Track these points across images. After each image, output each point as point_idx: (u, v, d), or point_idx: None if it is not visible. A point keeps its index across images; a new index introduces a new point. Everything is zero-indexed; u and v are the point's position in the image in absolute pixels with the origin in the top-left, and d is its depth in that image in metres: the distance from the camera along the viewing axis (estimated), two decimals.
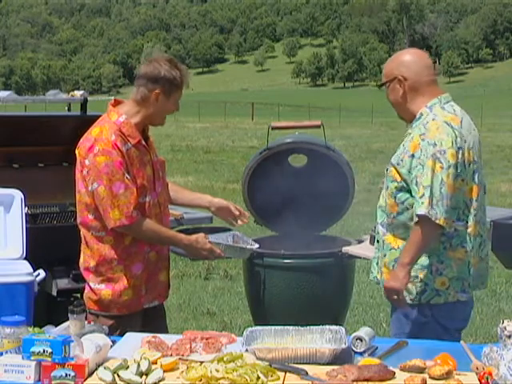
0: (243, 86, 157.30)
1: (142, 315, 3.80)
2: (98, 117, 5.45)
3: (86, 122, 5.46)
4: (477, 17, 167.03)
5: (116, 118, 3.67)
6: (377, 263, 3.68)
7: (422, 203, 3.33)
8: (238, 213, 4.06)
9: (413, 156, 3.42)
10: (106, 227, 3.64)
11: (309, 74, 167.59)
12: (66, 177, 5.47)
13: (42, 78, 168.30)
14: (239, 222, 4.08)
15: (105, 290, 3.71)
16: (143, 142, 3.71)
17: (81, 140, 3.69)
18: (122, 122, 3.65)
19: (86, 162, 3.60)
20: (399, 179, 3.48)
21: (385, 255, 3.59)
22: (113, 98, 3.89)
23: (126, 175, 3.57)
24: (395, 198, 3.51)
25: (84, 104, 5.49)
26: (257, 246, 3.98)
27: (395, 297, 3.46)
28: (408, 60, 3.59)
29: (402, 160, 3.48)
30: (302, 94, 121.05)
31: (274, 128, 4.66)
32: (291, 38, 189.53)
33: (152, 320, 3.79)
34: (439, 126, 3.42)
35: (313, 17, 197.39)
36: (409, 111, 3.59)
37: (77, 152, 3.68)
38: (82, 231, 3.77)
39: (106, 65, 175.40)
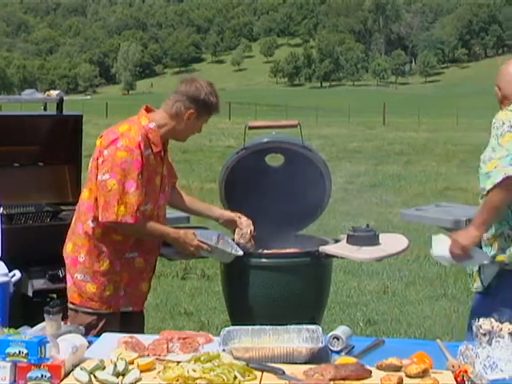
0: (220, 86, 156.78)
1: (119, 318, 3.81)
2: (74, 116, 5.47)
3: (62, 121, 5.48)
4: (452, 17, 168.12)
5: (146, 122, 3.76)
6: None
7: None
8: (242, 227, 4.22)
9: None
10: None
11: (286, 73, 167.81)
12: (42, 177, 5.45)
13: (18, 78, 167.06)
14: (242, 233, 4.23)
15: (90, 283, 3.76)
16: (162, 154, 3.84)
17: (104, 132, 3.76)
18: (151, 129, 3.75)
19: (105, 152, 3.66)
20: None
21: None
22: (89, 96, 3.92)
23: (140, 176, 3.64)
24: None
25: (60, 103, 5.46)
26: (241, 252, 4.02)
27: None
28: None
29: None
30: (279, 94, 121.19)
31: (250, 127, 4.65)
32: (268, 37, 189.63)
33: (130, 326, 3.77)
34: None
35: (290, 16, 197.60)
36: None
37: (98, 142, 3.73)
38: (81, 219, 3.78)
39: (82, 64, 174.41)
